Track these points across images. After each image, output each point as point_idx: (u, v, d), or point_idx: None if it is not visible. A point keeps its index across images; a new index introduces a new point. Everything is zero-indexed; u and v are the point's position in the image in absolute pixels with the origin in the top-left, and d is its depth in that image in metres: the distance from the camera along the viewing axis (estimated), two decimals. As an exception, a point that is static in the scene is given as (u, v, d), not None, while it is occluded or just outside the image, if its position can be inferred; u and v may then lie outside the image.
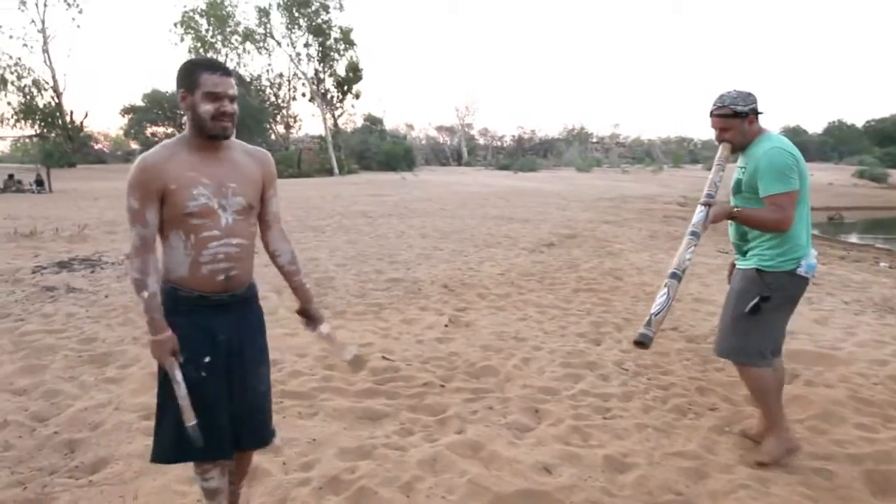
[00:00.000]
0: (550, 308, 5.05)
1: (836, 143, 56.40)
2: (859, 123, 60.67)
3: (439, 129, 55.88)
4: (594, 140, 59.77)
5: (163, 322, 1.66)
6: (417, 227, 10.70)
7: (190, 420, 1.65)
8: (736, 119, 2.37)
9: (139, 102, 34.54)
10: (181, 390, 1.66)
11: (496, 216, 12.96)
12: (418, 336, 4.19)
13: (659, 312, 2.05)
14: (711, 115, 2.44)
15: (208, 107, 1.64)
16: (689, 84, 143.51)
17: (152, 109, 33.52)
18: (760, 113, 2.43)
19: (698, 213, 2.27)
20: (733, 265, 2.64)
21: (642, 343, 2.02)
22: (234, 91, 1.68)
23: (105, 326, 4.29)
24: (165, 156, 1.67)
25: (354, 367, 1.99)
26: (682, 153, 53.57)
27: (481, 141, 58.21)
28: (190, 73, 1.67)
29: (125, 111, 34.77)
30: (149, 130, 34.97)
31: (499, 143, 57.26)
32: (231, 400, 1.79)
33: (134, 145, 38.65)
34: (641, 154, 53.85)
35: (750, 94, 2.40)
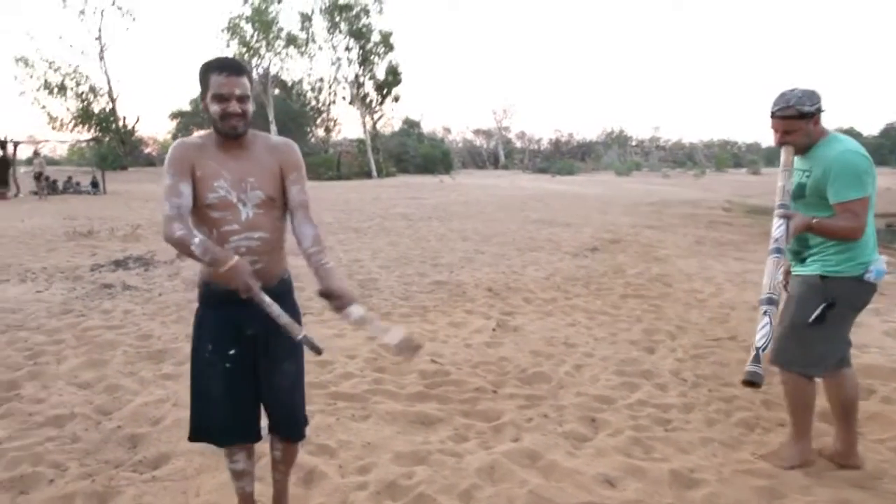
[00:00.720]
0: (599, 314, 4.94)
1: (894, 146, 53.86)
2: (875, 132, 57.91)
3: (476, 132, 55.90)
4: (633, 143, 58.68)
5: (224, 252, 1.65)
6: (458, 230, 10.67)
7: (298, 333, 1.68)
8: (801, 120, 2.22)
9: (186, 107, 35.74)
10: (275, 310, 1.66)
11: (536, 220, 12.82)
12: (466, 340, 4.15)
13: (765, 346, 1.90)
14: (773, 116, 2.28)
15: (216, 107, 1.68)
16: (732, 86, 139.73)
17: (199, 114, 34.60)
18: (823, 111, 2.28)
19: (777, 226, 2.13)
20: (788, 271, 2.50)
21: (754, 383, 1.86)
22: (241, 90, 1.68)
23: (160, 324, 4.40)
24: (198, 143, 1.75)
25: (405, 353, 1.74)
26: (726, 157, 52.06)
27: (518, 144, 57.91)
28: (203, 76, 1.71)
29: (174, 115, 36.04)
30: (195, 134, 36.12)
31: (536, 147, 56.85)
32: (260, 390, 1.85)
33: (181, 150, 40.09)
34: (683, 158, 52.58)
35: (815, 93, 2.24)
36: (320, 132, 34.21)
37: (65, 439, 2.57)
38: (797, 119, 2.22)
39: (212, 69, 1.70)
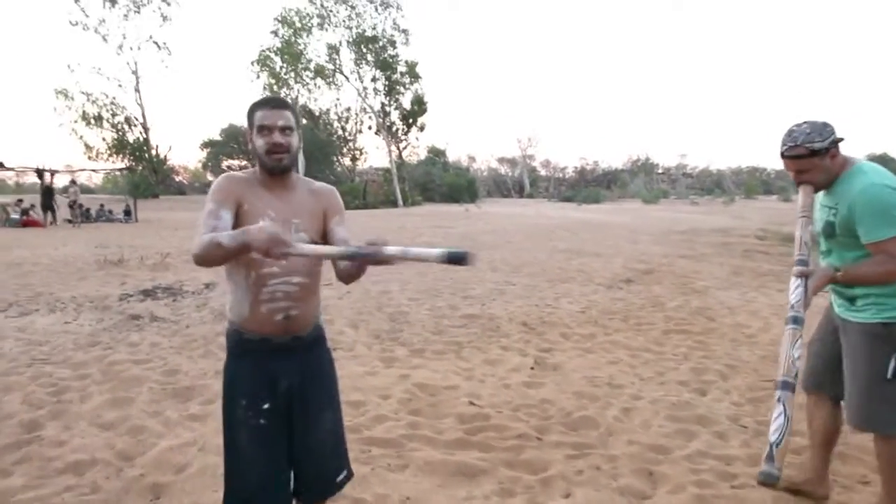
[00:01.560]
0: (642, 351, 4.67)
1: None
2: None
3: (501, 160, 56.08)
4: (660, 171, 58.13)
5: (243, 229, 1.46)
6: (486, 260, 10.49)
7: (430, 255, 1.40)
8: (814, 158, 2.02)
9: (216, 137, 36.78)
10: (338, 251, 1.46)
11: (565, 249, 12.59)
12: (504, 379, 3.93)
13: (780, 440, 1.68)
14: (783, 156, 2.08)
15: (260, 141, 1.67)
16: (759, 111, 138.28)
17: (228, 143, 35.52)
18: (841, 140, 2.06)
19: (794, 288, 1.91)
20: (828, 310, 2.32)
21: (768, 484, 1.67)
22: (285, 122, 1.67)
23: (187, 358, 4.28)
24: (245, 180, 1.71)
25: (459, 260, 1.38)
26: (755, 183, 51.14)
27: (543, 172, 57.85)
28: (249, 113, 1.71)
29: (204, 145, 37.02)
30: (225, 163, 37.02)
31: (560, 175, 56.70)
32: (292, 446, 1.72)
33: (210, 177, 41.02)
34: (711, 185, 51.81)
35: (826, 125, 2.03)
36: (347, 161, 34.68)
37: (84, 489, 2.42)
38: (809, 157, 2.02)
39: (257, 106, 1.71)
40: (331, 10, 27.43)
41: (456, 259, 1.38)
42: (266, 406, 1.67)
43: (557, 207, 33.93)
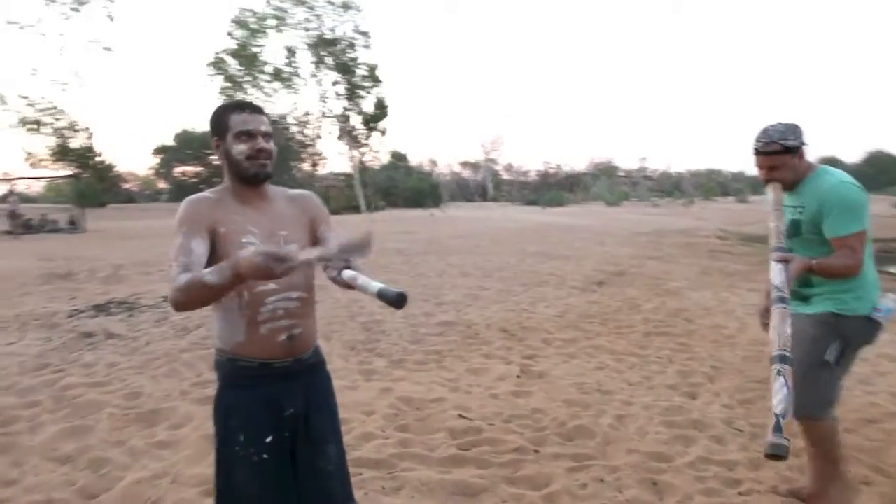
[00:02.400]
0: (626, 355, 4.60)
1: (876, 173, 55.05)
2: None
3: (463, 164, 56.13)
4: (621, 174, 59.35)
5: (232, 259, 1.28)
6: (456, 265, 10.36)
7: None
8: (787, 155, 2.10)
9: (169, 142, 35.38)
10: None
11: (534, 252, 12.57)
12: (491, 389, 3.78)
13: (786, 411, 1.63)
14: (757, 153, 2.15)
15: (242, 146, 1.51)
16: (716, 115, 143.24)
17: (182, 149, 34.21)
18: (807, 144, 2.16)
19: (777, 272, 1.94)
20: (767, 309, 2.29)
21: (778, 456, 1.59)
22: (267, 128, 1.55)
23: (150, 378, 3.97)
24: (214, 200, 1.54)
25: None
26: (713, 185, 52.79)
27: (506, 176, 58.22)
28: (219, 118, 1.56)
29: (157, 151, 35.58)
30: (178, 170, 35.69)
31: (524, 178, 57.17)
32: (297, 481, 1.54)
33: (163, 185, 39.48)
34: (670, 187, 53.20)
35: (797, 126, 2.13)
36: (306, 167, 34.00)
37: (40, 534, 2.14)
38: (782, 154, 2.10)
39: (230, 110, 1.56)
40: (288, 12, 26.83)
41: (390, 299, 1.32)
42: (269, 439, 1.50)
43: (522, 211, 34.18)
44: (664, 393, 3.71)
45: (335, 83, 28.88)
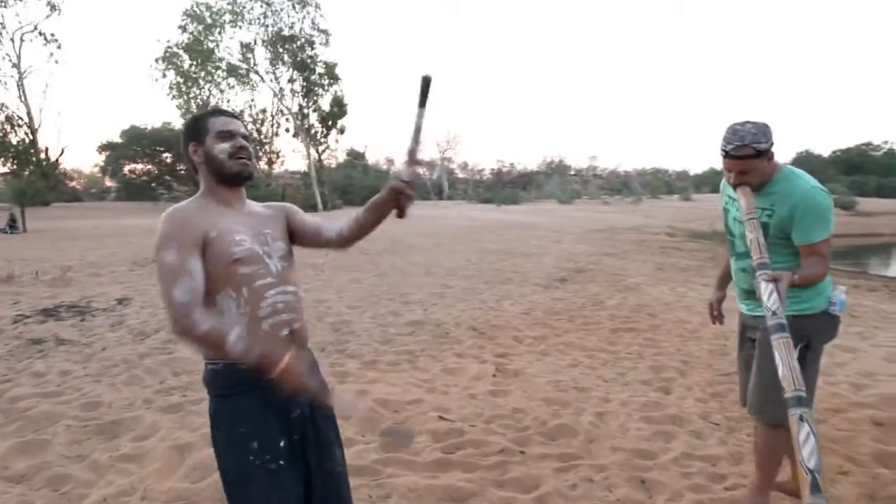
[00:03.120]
0: (597, 351, 4.66)
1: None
2: (826, 153, 62.93)
3: (419, 163, 55.83)
4: (572, 172, 60.55)
5: (271, 349, 1.34)
6: (419, 264, 10.29)
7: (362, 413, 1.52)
8: (758, 159, 1.98)
9: (116, 139, 33.68)
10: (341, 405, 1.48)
11: (495, 250, 12.64)
12: (468, 389, 3.75)
13: (819, 466, 1.53)
14: (728, 156, 2.01)
15: (224, 145, 1.50)
16: (661, 116, 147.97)
17: (130, 146, 32.57)
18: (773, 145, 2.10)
19: (768, 292, 1.79)
20: (716, 304, 2.53)
21: None
22: (245, 131, 1.56)
23: (108, 387, 3.74)
24: (195, 207, 1.49)
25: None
26: (659, 184, 54.54)
27: (461, 175, 58.43)
28: (196, 123, 1.55)
29: (102, 148, 33.76)
30: (127, 168, 34.01)
31: (478, 177, 57.53)
32: (308, 488, 1.48)
33: (110, 183, 37.57)
34: (619, 186, 54.66)
35: (767, 127, 2.03)
36: (262, 165, 33.06)
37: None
38: (753, 158, 1.99)
39: (207, 115, 1.56)
40: (244, 7, 26.00)
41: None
42: (282, 444, 1.44)
43: (478, 209, 34.35)
44: (639, 389, 3.76)
45: (292, 80, 28.22)
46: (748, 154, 1.98)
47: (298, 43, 26.80)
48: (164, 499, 2.36)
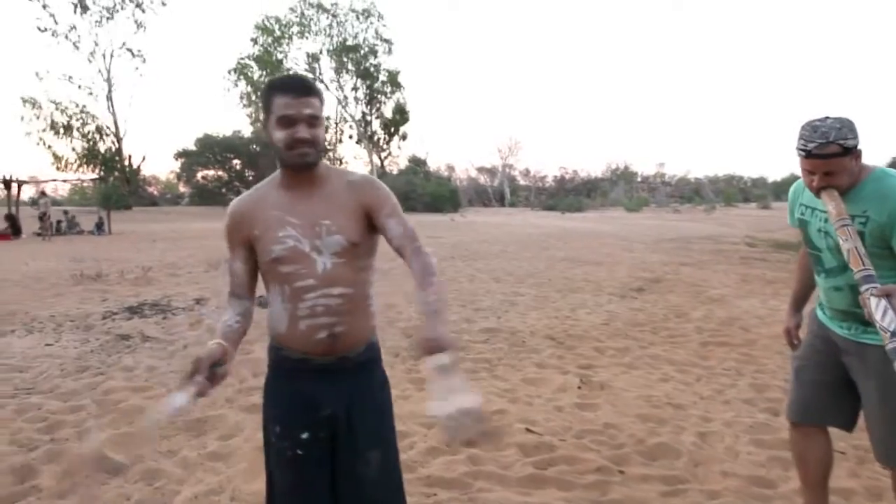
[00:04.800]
0: (688, 366, 4.34)
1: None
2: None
3: (480, 169, 55.95)
4: (639, 179, 58.74)
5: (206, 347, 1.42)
6: (486, 271, 10.14)
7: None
8: (845, 157, 1.73)
9: (191, 146, 35.62)
10: None
11: (563, 258, 12.31)
12: (553, 401, 3.55)
13: None
14: (810, 155, 1.76)
15: (281, 134, 1.39)
16: (734, 120, 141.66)
17: (203, 153, 34.39)
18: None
19: (882, 309, 1.52)
20: (794, 330, 2.23)
21: None
22: (312, 111, 1.39)
23: (193, 383, 3.79)
24: (253, 199, 1.50)
25: (463, 432, 1.21)
26: (733, 191, 51.98)
27: (522, 182, 57.91)
28: (265, 99, 1.44)
29: (178, 155, 35.82)
30: (199, 174, 35.88)
31: (541, 184, 56.82)
32: (335, 485, 1.45)
33: (183, 188, 39.71)
34: (690, 193, 52.47)
35: (852, 122, 1.76)
36: (326, 171, 33.99)
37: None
38: (840, 156, 1.72)
39: (275, 90, 1.41)
40: (311, 19, 26.88)
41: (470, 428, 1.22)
42: (304, 436, 1.44)
43: (542, 216, 33.82)
44: (743, 409, 3.45)
45: (355, 88, 28.90)
46: (834, 152, 1.73)
47: (362, 52, 27.43)
48: (251, 501, 2.31)
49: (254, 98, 27.38)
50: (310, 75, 28.13)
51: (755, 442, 2.94)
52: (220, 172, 35.88)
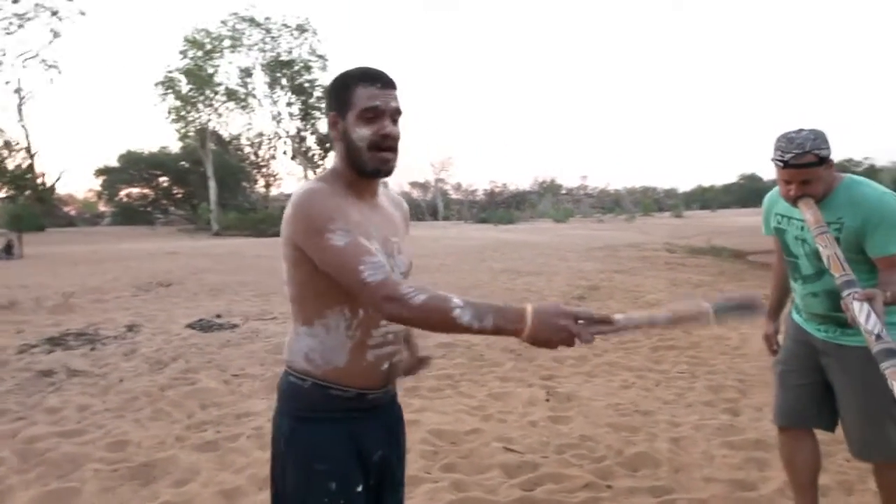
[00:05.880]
0: (645, 371, 4.43)
1: (751, 190, 58.48)
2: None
3: (413, 184, 56.00)
4: (564, 191, 60.82)
5: (513, 308, 1.06)
6: (429, 284, 10.00)
7: None
8: (820, 167, 1.81)
9: (113, 163, 33.26)
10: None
11: (502, 269, 12.43)
12: (525, 416, 3.49)
13: None
14: (788, 166, 1.82)
15: (365, 130, 1.20)
16: (649, 135, 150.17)
17: (127, 170, 32.21)
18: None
19: (865, 313, 1.55)
20: (773, 336, 2.29)
21: None
22: (398, 104, 1.23)
23: (133, 423, 3.43)
24: (330, 191, 1.20)
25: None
26: (649, 202, 54.90)
27: (455, 195, 58.45)
28: (342, 89, 1.23)
29: (99, 172, 33.34)
30: (123, 192, 33.58)
31: (472, 198, 57.57)
32: None
33: (104, 207, 37.02)
34: (611, 204, 54.92)
35: (824, 133, 1.86)
36: (260, 188, 32.80)
37: None
38: (816, 166, 1.81)
39: (356, 80, 1.22)
40: (243, 33, 26.00)
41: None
42: (360, 489, 1.23)
43: (476, 229, 34.19)
44: (706, 411, 3.53)
45: (290, 104, 28.17)
46: (810, 161, 1.80)
47: (296, 68, 26.80)
48: (224, 554, 2.07)
49: (183, 112, 25.92)
50: (242, 90, 27.24)
51: (727, 444, 2.99)
52: (145, 190, 33.69)
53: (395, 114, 1.23)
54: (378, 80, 1.22)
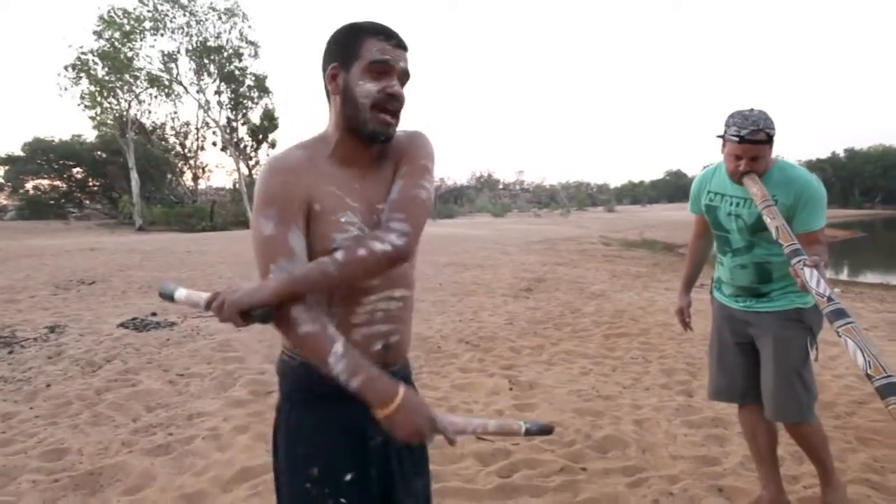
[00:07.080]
0: (600, 358, 4.53)
1: (677, 186, 62.49)
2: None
3: (349, 179, 55.09)
4: (501, 186, 61.81)
5: (386, 378, 1.04)
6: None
7: (518, 428, 1.15)
8: (768, 145, 1.95)
9: (17, 152, 30.30)
10: (479, 425, 1.11)
11: (447, 263, 12.43)
12: (490, 405, 3.48)
13: None
14: (743, 140, 1.93)
15: (370, 85, 1.11)
16: (582, 132, 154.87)
17: (34, 160, 29.41)
18: None
19: (813, 277, 1.62)
20: (686, 309, 2.44)
21: None
22: (407, 65, 1.15)
23: (70, 429, 3.15)
24: (305, 159, 1.13)
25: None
26: (583, 197, 56.75)
27: (392, 190, 57.97)
28: (349, 39, 1.13)
29: (1, 162, 30.26)
30: (30, 184, 30.70)
31: (409, 192, 57.27)
32: None
33: (6, 201, 33.78)
34: (546, 199, 56.35)
35: (769, 114, 2.01)
36: (188, 180, 30.99)
37: None
38: (766, 143, 1.95)
39: (366, 32, 1.12)
40: (166, 15, 24.36)
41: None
42: (348, 477, 1.14)
43: (414, 224, 34.11)
44: (664, 393, 3.64)
45: (219, 92, 26.71)
46: (762, 139, 1.93)
47: (225, 54, 25.51)
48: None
49: (99, 98, 23.94)
50: (166, 76, 25.61)
51: (686, 423, 3.10)
52: (56, 182, 30.90)
53: (404, 76, 1.15)
54: (392, 37, 1.13)
